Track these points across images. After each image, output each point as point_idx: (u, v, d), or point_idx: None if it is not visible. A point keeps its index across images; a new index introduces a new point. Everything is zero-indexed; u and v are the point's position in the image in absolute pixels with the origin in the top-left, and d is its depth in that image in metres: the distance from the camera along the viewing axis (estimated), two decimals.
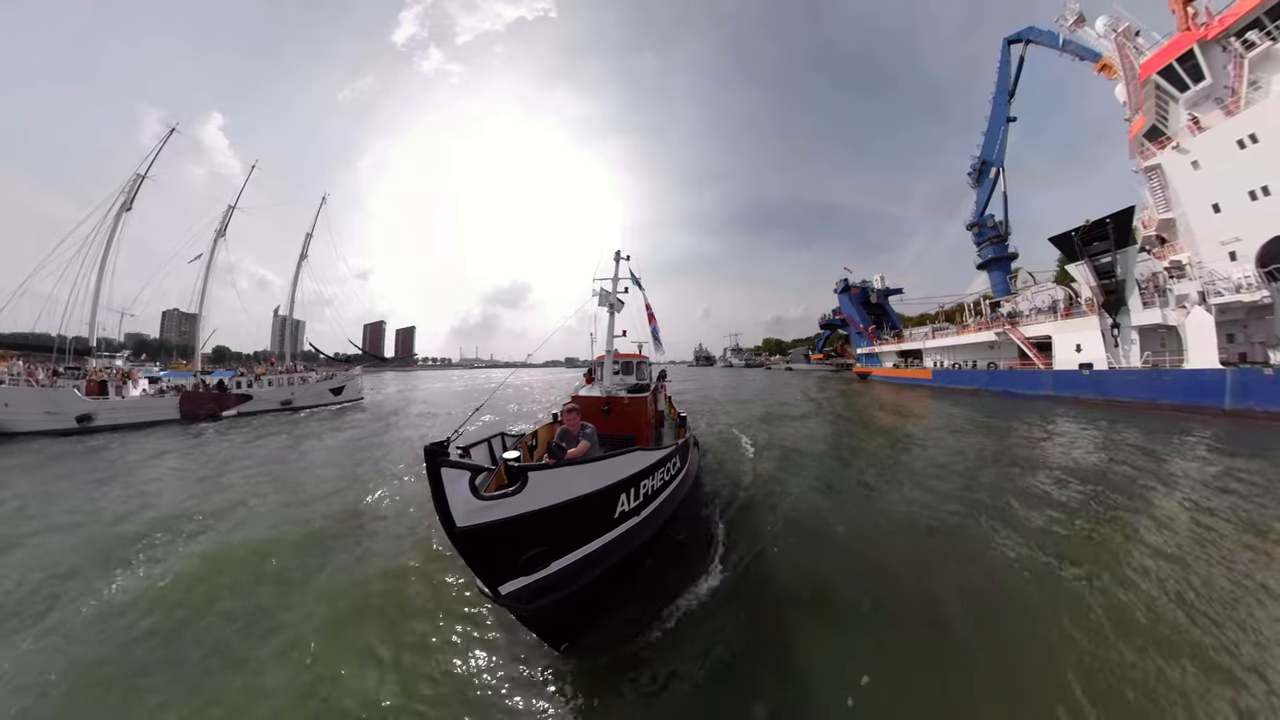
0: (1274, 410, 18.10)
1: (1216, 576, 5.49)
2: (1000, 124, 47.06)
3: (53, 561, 6.66)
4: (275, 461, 13.69)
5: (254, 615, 5.18)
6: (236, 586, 5.82)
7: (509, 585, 3.57)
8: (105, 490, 10.61)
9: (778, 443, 14.94)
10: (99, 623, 5.11)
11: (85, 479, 11.76)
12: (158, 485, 11.10)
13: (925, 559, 6.40)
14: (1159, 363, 22.95)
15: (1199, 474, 10.47)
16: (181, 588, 5.80)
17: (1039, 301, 30.83)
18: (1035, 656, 4.29)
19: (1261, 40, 22.58)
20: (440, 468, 3.19)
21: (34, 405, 19.68)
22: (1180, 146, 24.78)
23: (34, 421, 19.39)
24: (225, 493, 10.11)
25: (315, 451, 15.39)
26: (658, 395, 10.88)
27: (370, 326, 68.42)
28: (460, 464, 3.35)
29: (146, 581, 5.96)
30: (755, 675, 4.11)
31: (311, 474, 12.01)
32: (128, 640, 4.80)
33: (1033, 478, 10.40)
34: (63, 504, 9.55)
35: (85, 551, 6.99)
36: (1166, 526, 7.27)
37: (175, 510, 8.88)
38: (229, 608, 5.35)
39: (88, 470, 12.86)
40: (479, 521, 3.31)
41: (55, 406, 20.14)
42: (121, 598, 5.58)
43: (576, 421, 5.96)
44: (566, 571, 3.89)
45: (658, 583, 5.39)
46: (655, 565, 5.69)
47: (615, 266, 9.56)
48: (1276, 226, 21.13)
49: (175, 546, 7.08)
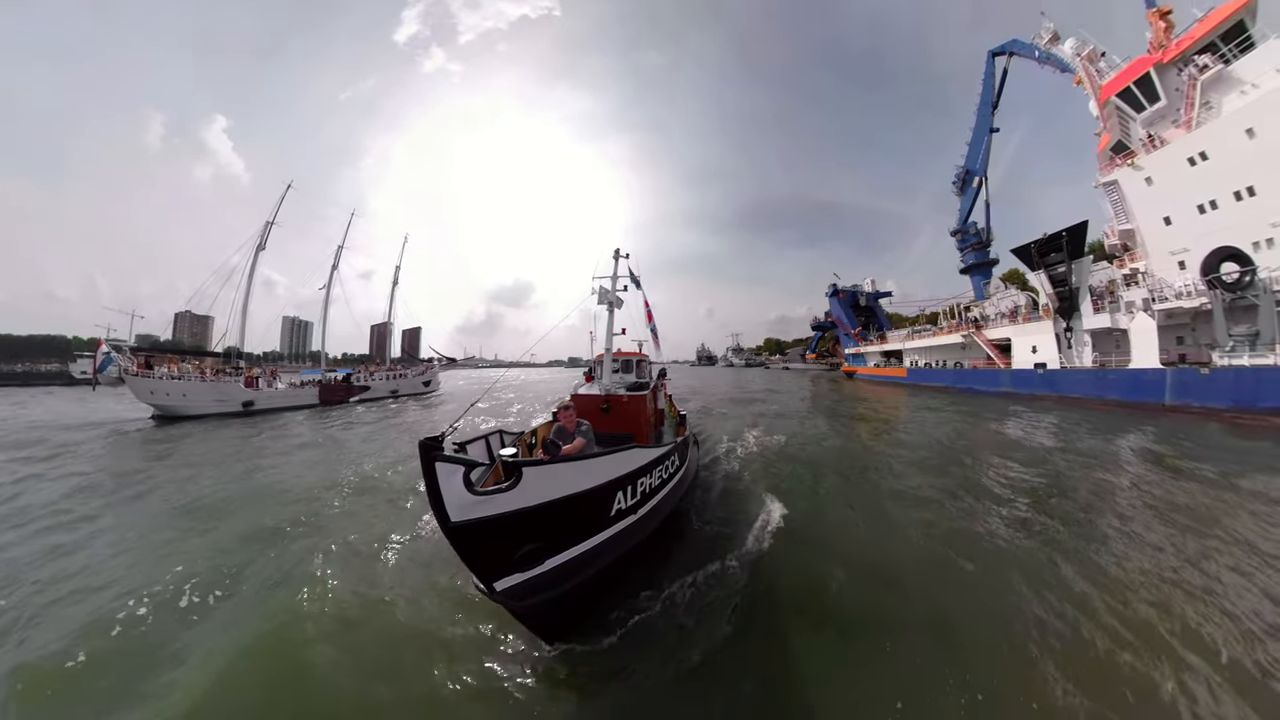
0: (1210, 406, 18.64)
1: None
2: (984, 134, 46.81)
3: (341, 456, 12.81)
4: (420, 421, 21.25)
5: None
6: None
7: (503, 581, 3.43)
8: (343, 428, 18.66)
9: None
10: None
11: (323, 431, 18.40)
12: (359, 430, 18.52)
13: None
14: (1106, 362, 23.50)
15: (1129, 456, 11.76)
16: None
17: (1003, 306, 31.33)
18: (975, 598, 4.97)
19: (1214, 63, 22.86)
20: (434, 462, 3.07)
21: (206, 395, 23.77)
22: (1135, 164, 25.14)
23: (207, 406, 23.35)
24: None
25: (434, 417, 22.51)
26: (657, 394, 10.53)
27: (377, 327, 70.42)
28: (455, 458, 3.22)
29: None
30: (754, 673, 3.89)
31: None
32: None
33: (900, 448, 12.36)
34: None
35: (343, 459, 12.40)
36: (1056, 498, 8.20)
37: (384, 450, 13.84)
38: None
39: (315, 428, 19.20)
40: (472, 517, 3.18)
41: (224, 396, 24.29)
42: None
43: (573, 419, 5.68)
44: (561, 569, 3.72)
45: (657, 581, 5.12)
46: (654, 563, 5.45)
47: (614, 265, 9.25)
48: (1221, 238, 21.52)
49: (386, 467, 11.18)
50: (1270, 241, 20.24)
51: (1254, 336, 18.74)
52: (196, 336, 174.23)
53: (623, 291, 9.06)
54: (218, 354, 29.18)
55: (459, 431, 4.35)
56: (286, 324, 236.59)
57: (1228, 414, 17.86)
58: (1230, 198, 21.59)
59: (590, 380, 9.80)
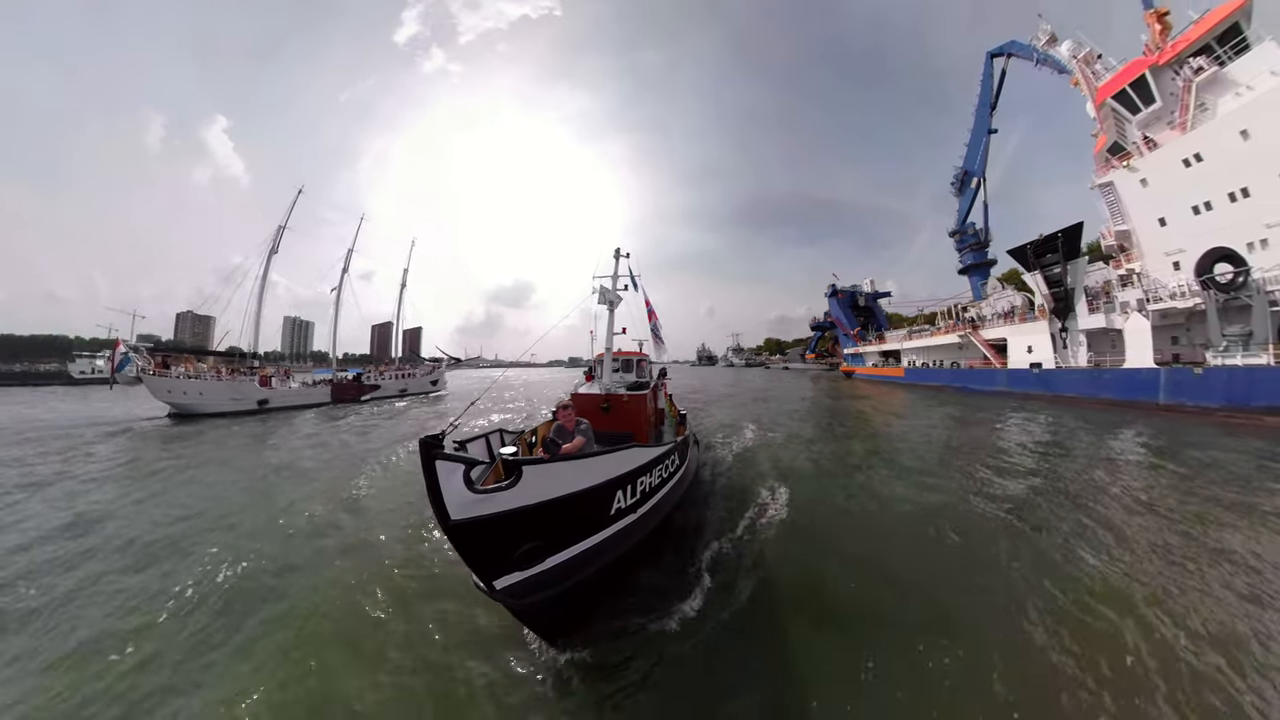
0: (1203, 405, 18.64)
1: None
2: (982, 135, 46.41)
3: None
4: (429, 415, 22.97)
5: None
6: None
7: (503, 580, 3.41)
8: (356, 425, 19.49)
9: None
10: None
11: (330, 425, 19.59)
12: (375, 421, 20.75)
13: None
14: (1101, 362, 23.51)
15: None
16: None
17: (999, 307, 31.36)
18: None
19: (1209, 65, 22.81)
20: (435, 460, 3.05)
21: (222, 394, 24.79)
22: (1130, 165, 25.11)
23: (222, 404, 24.32)
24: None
25: (442, 412, 24.46)
26: (657, 393, 10.44)
27: (379, 328, 69.97)
28: (455, 457, 3.20)
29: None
30: (754, 671, 3.87)
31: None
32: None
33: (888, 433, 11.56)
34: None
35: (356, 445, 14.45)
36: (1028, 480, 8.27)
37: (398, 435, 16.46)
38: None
39: (326, 423, 20.42)
40: (472, 515, 3.17)
41: (240, 394, 25.31)
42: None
43: (572, 418, 5.62)
44: (561, 568, 3.70)
45: (657, 579, 5.13)
46: (654, 561, 5.41)
47: (614, 264, 9.18)
48: (1216, 239, 21.49)
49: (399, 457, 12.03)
50: (1265, 242, 20.23)
51: (1247, 336, 18.72)
52: (199, 336, 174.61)
53: (624, 290, 8.97)
54: (233, 354, 29.89)
55: (459, 430, 4.38)
56: (288, 324, 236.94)
57: (1220, 413, 17.87)
58: (1225, 199, 21.58)
59: (590, 379, 9.74)
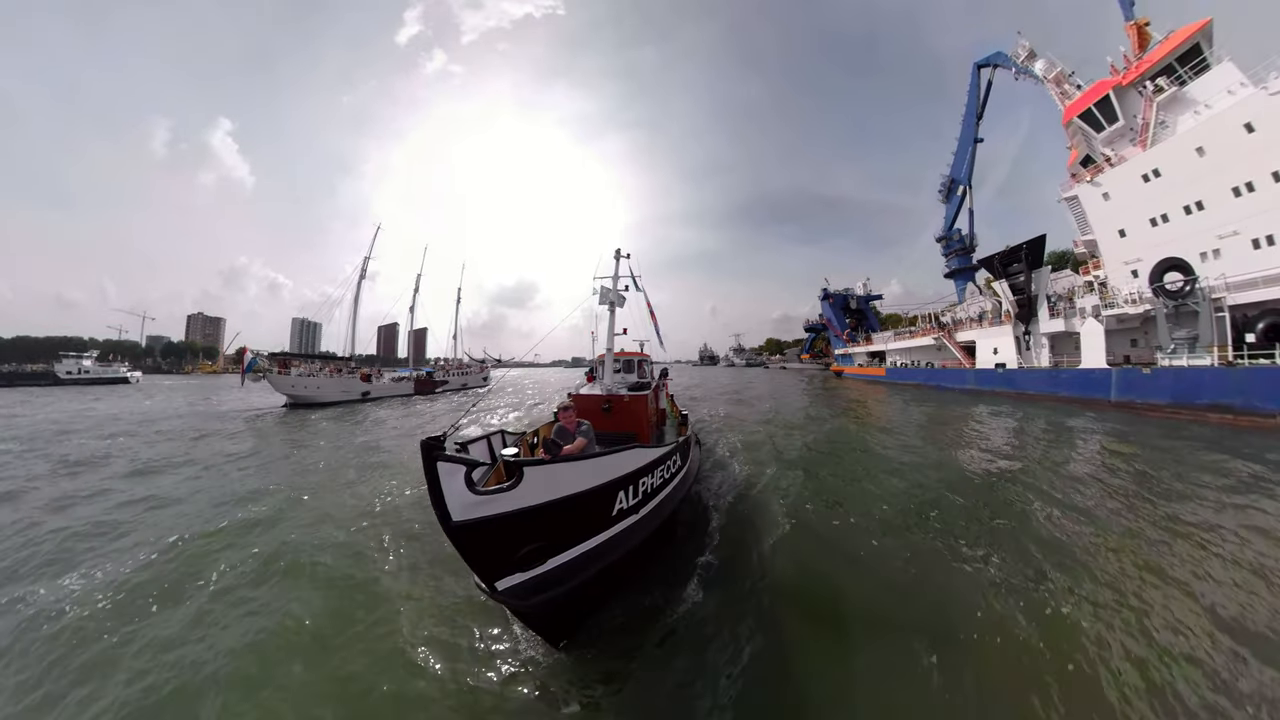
0: (1151, 402, 19.24)
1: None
2: (968, 144, 45.90)
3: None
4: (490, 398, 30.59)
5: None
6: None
7: (505, 581, 3.32)
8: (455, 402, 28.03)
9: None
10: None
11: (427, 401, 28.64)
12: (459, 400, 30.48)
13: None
14: (1059, 362, 24.09)
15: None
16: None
17: (973, 311, 31.93)
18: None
19: (1170, 85, 23.19)
20: (436, 461, 2.97)
21: (335, 387, 31.27)
22: (1094, 180, 25.55)
23: (335, 396, 30.64)
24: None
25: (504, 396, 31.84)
26: (659, 393, 10.18)
27: (384, 328, 69.81)
28: (456, 458, 3.12)
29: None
30: (755, 671, 3.74)
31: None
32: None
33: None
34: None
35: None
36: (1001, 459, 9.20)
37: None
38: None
39: (425, 403, 28.59)
40: (474, 516, 3.09)
41: (348, 387, 32.10)
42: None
43: (573, 418, 5.49)
44: (563, 569, 3.59)
45: (658, 579, 4.98)
46: (655, 562, 5.22)
47: (615, 264, 8.99)
48: (1172, 249, 21.94)
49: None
50: (1217, 252, 20.71)
51: (1193, 340, 19.25)
52: (209, 337, 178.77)
53: (625, 290, 8.78)
54: (333, 358, 37.55)
55: (460, 431, 4.76)
56: (296, 325, 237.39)
57: (1167, 408, 18.45)
58: (1181, 212, 22.05)
59: (592, 380, 9.51)
